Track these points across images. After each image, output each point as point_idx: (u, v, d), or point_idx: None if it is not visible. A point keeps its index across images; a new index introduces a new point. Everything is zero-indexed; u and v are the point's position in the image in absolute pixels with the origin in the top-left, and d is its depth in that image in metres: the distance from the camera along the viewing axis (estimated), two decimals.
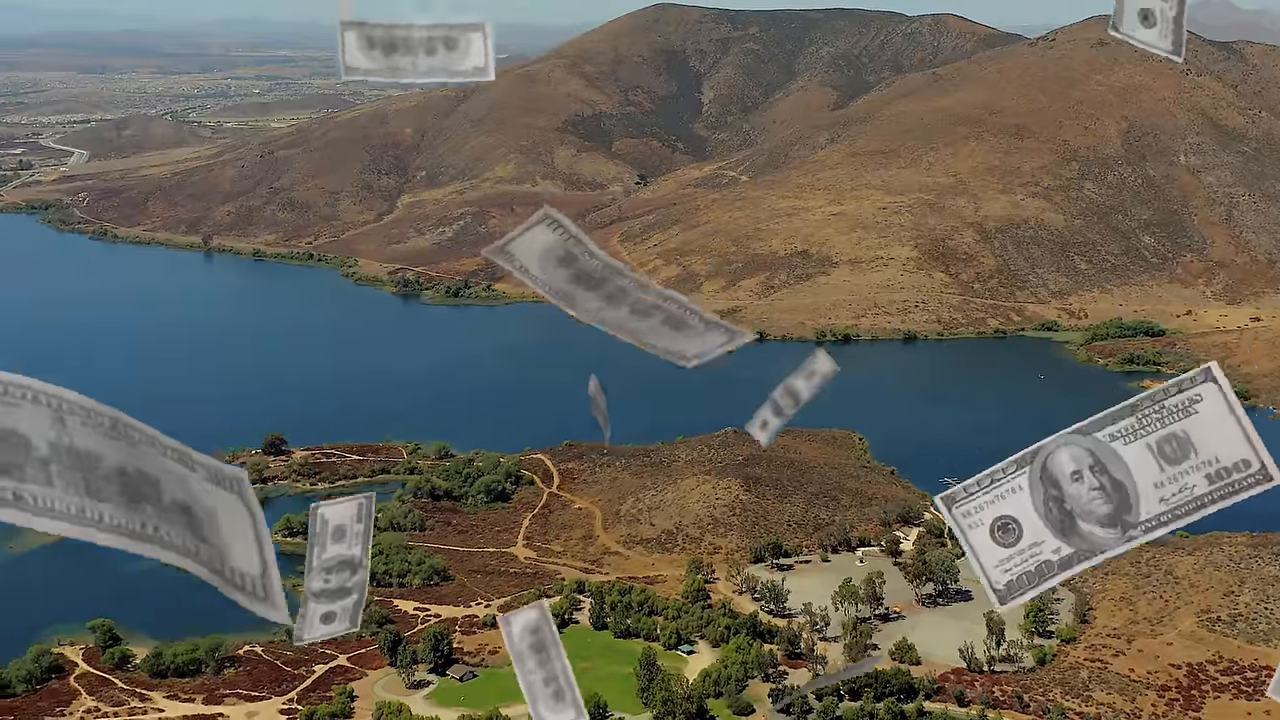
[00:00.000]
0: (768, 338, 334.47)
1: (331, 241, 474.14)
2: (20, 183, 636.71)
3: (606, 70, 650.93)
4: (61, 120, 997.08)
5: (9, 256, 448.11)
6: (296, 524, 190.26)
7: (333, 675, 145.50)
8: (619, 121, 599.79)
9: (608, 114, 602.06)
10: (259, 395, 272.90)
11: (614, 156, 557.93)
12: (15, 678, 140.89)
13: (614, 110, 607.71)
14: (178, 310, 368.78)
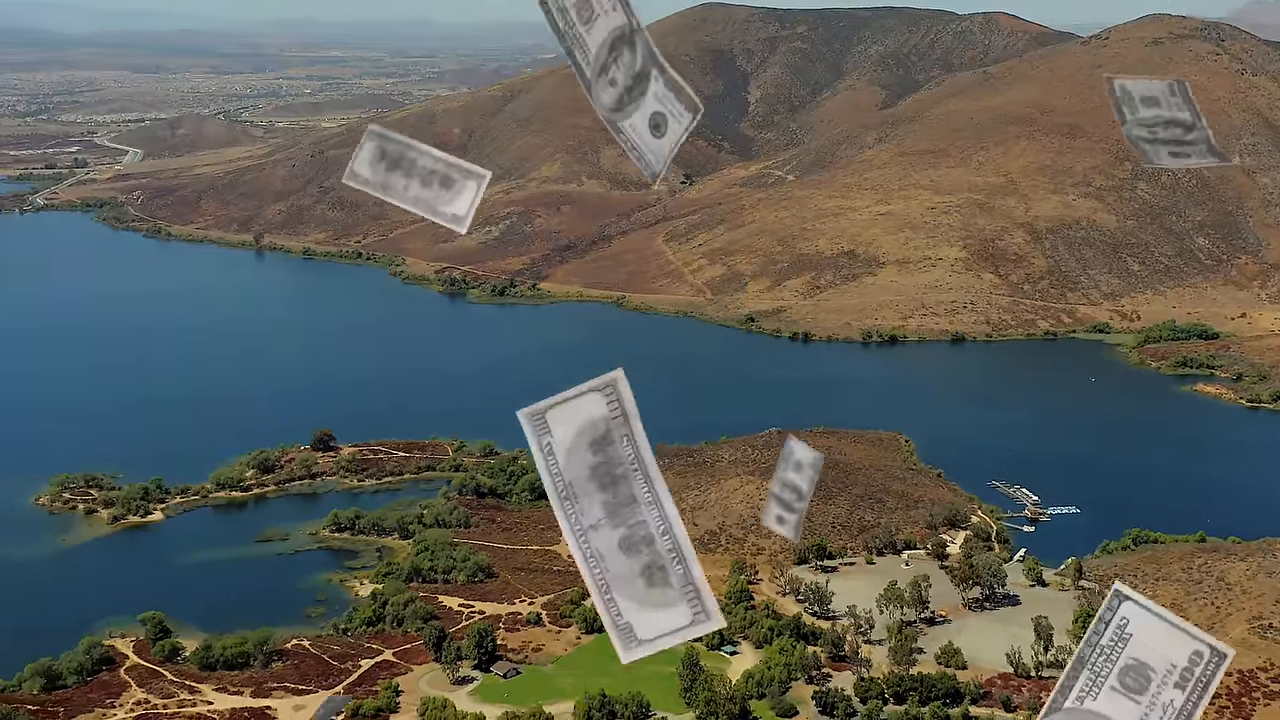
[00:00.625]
0: (813, 338, 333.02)
1: (380, 240, 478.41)
2: (75, 180, 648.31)
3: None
4: (116, 119, 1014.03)
5: (66, 254, 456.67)
6: (344, 519, 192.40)
7: (378, 670, 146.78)
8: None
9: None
10: (308, 392, 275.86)
11: None
12: (67, 669, 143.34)
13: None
14: (230, 308, 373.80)
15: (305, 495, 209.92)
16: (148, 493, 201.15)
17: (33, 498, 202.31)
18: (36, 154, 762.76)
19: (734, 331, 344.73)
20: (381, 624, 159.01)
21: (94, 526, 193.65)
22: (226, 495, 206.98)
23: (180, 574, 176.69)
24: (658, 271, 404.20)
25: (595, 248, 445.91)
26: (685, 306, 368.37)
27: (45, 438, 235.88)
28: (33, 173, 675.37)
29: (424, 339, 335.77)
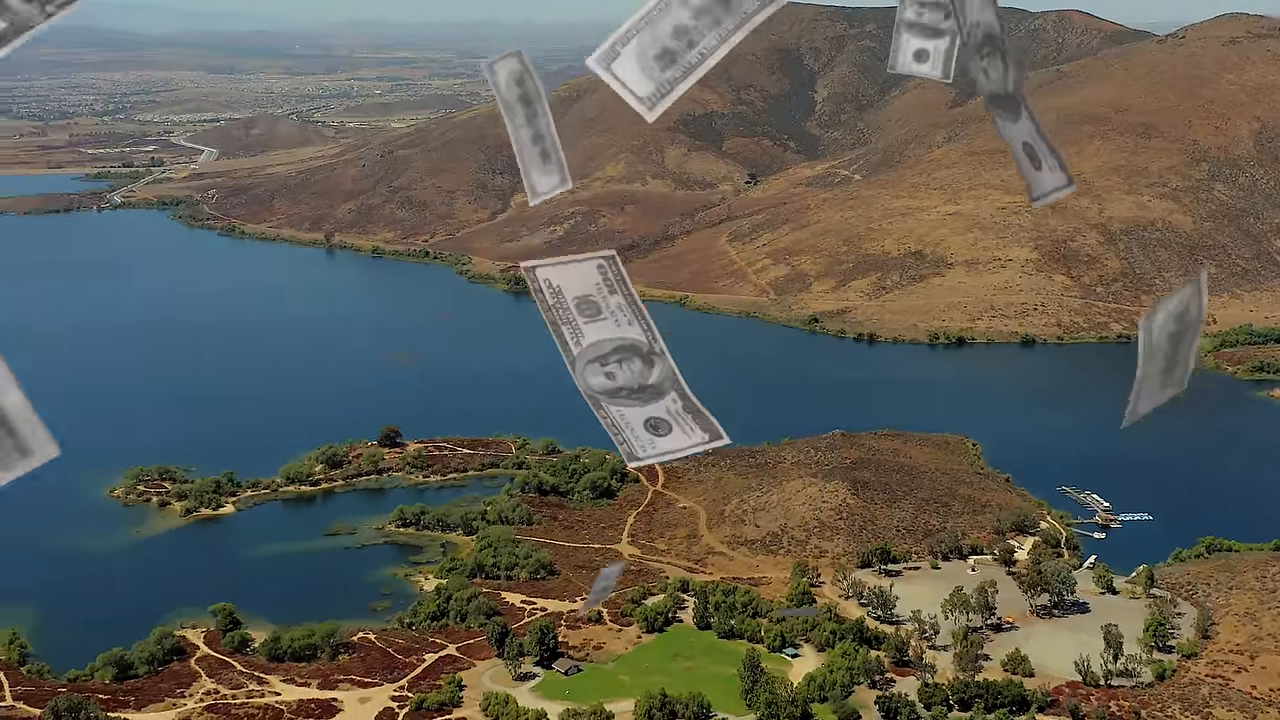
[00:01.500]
0: (878, 339, 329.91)
1: (447, 239, 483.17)
2: (152, 179, 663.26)
3: (718, 69, 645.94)
4: (192, 119, 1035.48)
5: (143, 251, 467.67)
6: (410, 515, 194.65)
7: (442, 664, 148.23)
8: (730, 120, 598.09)
9: (719, 113, 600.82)
10: (375, 388, 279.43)
11: (724, 155, 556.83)
12: (138, 659, 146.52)
13: (725, 109, 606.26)
14: (301, 305, 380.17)
15: (372, 490, 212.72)
16: (219, 486, 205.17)
17: (107, 490, 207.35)
18: (114, 153, 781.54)
19: (797, 332, 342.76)
20: (445, 619, 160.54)
21: (167, 519, 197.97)
22: (296, 489, 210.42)
23: (250, 566, 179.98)
24: (721, 271, 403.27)
25: (658, 247, 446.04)
26: (748, 307, 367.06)
27: (121, 431, 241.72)
28: (110, 171, 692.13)
29: (488, 337, 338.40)
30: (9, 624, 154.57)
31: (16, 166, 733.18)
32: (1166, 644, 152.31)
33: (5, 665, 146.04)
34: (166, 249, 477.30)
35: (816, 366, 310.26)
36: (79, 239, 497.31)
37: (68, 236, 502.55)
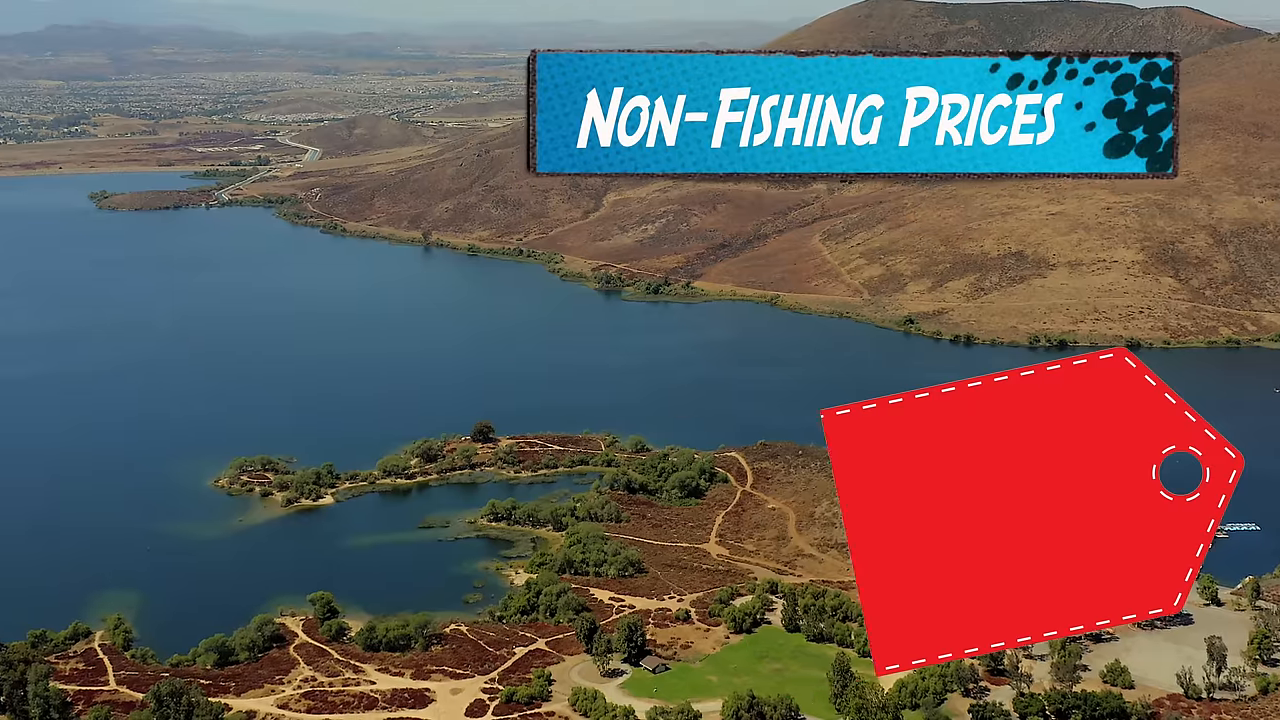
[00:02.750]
0: (976, 341, 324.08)
1: (540, 238, 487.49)
2: (258, 177, 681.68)
3: None
4: (297, 119, 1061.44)
5: (249, 247, 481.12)
6: (501, 509, 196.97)
7: (532, 658, 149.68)
8: None
9: None
10: (470, 384, 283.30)
11: None
12: (239, 645, 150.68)
13: None
14: (398, 302, 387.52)
15: (465, 485, 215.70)
16: (319, 477, 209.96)
17: (212, 480, 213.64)
18: (222, 151, 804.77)
19: (891, 333, 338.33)
20: (535, 613, 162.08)
21: (269, 508, 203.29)
22: (392, 482, 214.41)
23: (347, 557, 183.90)
24: (813, 271, 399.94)
25: (750, 246, 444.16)
26: (841, 307, 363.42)
27: (226, 422, 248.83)
28: (218, 169, 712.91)
29: (580, 335, 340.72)
30: (115, 609, 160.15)
31: (129, 164, 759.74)
32: (1271, 657, 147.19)
33: (110, 650, 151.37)
34: (271, 246, 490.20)
35: (911, 368, 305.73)
36: (188, 235, 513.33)
37: (177, 232, 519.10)
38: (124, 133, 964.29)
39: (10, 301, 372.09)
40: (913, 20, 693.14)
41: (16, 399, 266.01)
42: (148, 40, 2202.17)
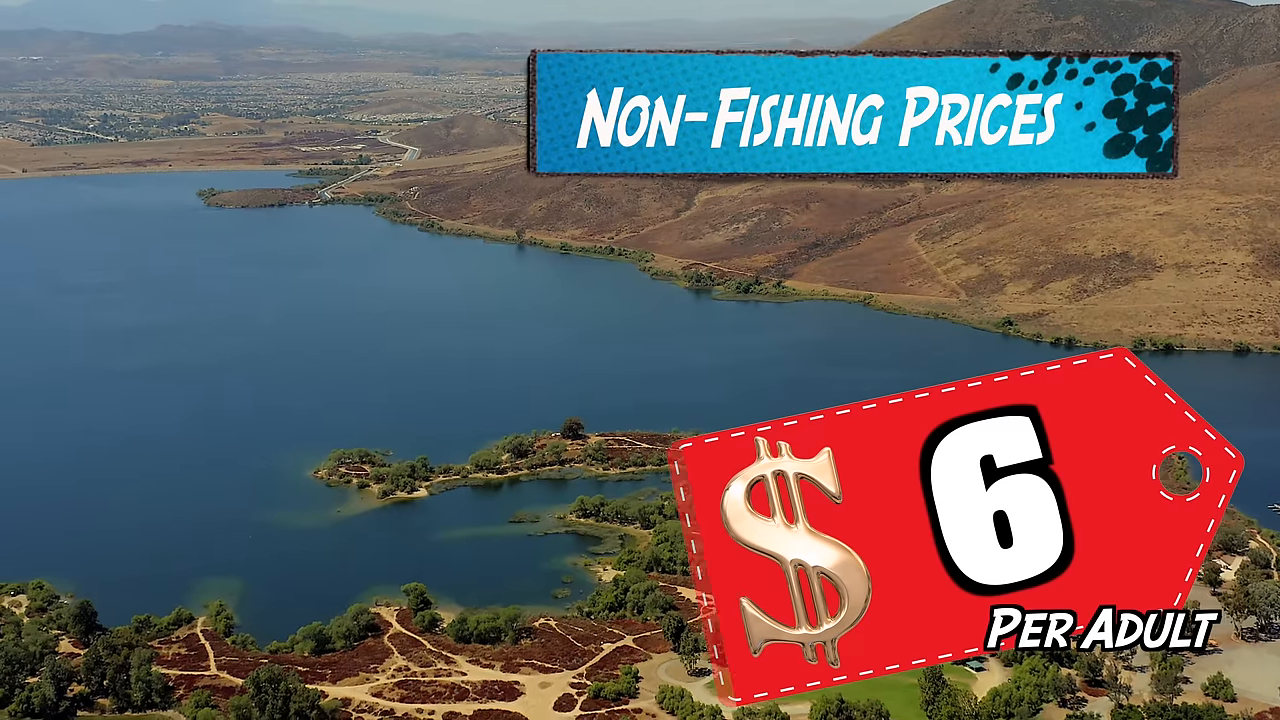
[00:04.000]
0: (1078, 344, 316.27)
1: (631, 236, 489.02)
2: (359, 176, 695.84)
3: None
4: (397, 118, 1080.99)
5: (350, 245, 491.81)
6: (590, 505, 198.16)
7: (619, 654, 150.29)
8: None
9: None
10: (560, 380, 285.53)
11: None
12: (336, 633, 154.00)
13: None
14: (493, 299, 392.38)
15: (554, 480, 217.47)
16: (414, 470, 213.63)
17: (312, 470, 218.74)
18: (325, 150, 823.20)
19: (989, 335, 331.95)
20: (622, 610, 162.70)
21: (365, 500, 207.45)
22: (484, 476, 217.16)
23: (439, 549, 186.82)
24: (908, 271, 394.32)
25: (843, 245, 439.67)
26: (937, 308, 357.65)
27: (326, 415, 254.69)
28: (321, 168, 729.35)
29: (669, 333, 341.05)
30: (217, 596, 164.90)
31: (236, 162, 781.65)
32: None
33: (212, 635, 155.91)
34: (370, 243, 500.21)
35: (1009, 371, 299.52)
36: (291, 232, 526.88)
37: (281, 229, 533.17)
38: (231, 132, 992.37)
39: (124, 295, 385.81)
40: (1016, 16, 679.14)
41: (129, 390, 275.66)
42: (255, 41, 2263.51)
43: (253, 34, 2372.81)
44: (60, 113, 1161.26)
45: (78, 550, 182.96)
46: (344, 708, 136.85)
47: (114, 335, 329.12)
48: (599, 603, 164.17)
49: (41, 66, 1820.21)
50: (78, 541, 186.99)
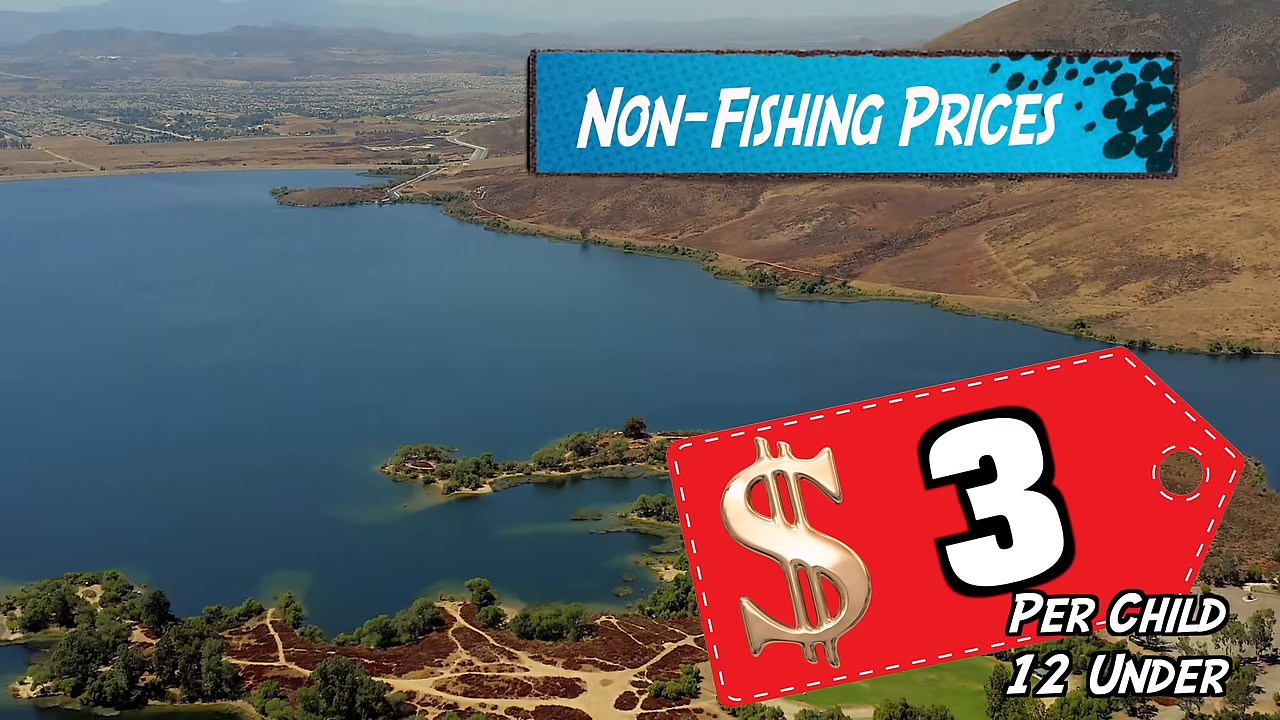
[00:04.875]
0: (1152, 347, 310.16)
1: (695, 236, 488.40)
2: (428, 175, 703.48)
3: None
4: (465, 118, 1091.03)
5: (418, 243, 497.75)
6: (651, 504, 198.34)
7: (680, 654, 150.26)
8: None
9: None
10: (622, 379, 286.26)
11: None
12: (401, 627, 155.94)
13: None
14: (557, 297, 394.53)
15: (616, 479, 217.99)
16: (479, 467, 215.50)
17: (379, 466, 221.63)
18: (394, 150, 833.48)
19: (1060, 337, 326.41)
20: (683, 609, 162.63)
21: (431, 495, 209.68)
22: (547, 474, 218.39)
23: (503, 545, 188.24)
24: (978, 271, 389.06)
25: (910, 245, 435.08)
26: (1007, 309, 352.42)
27: (393, 411, 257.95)
28: (390, 167, 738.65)
29: (732, 333, 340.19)
30: (286, 588, 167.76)
31: (308, 162, 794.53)
32: None
33: (281, 627, 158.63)
34: (437, 242, 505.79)
35: None
36: (361, 230, 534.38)
37: (351, 228, 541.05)
38: (304, 131, 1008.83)
39: (198, 292, 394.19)
40: (1091, 13, 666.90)
41: (202, 386, 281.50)
42: (327, 42, 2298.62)
43: (326, 35, 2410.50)
44: (137, 112, 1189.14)
45: (151, 542, 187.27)
46: (409, 700, 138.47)
47: (188, 332, 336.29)
48: (660, 601, 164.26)
49: (119, 66, 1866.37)
50: (151, 533, 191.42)
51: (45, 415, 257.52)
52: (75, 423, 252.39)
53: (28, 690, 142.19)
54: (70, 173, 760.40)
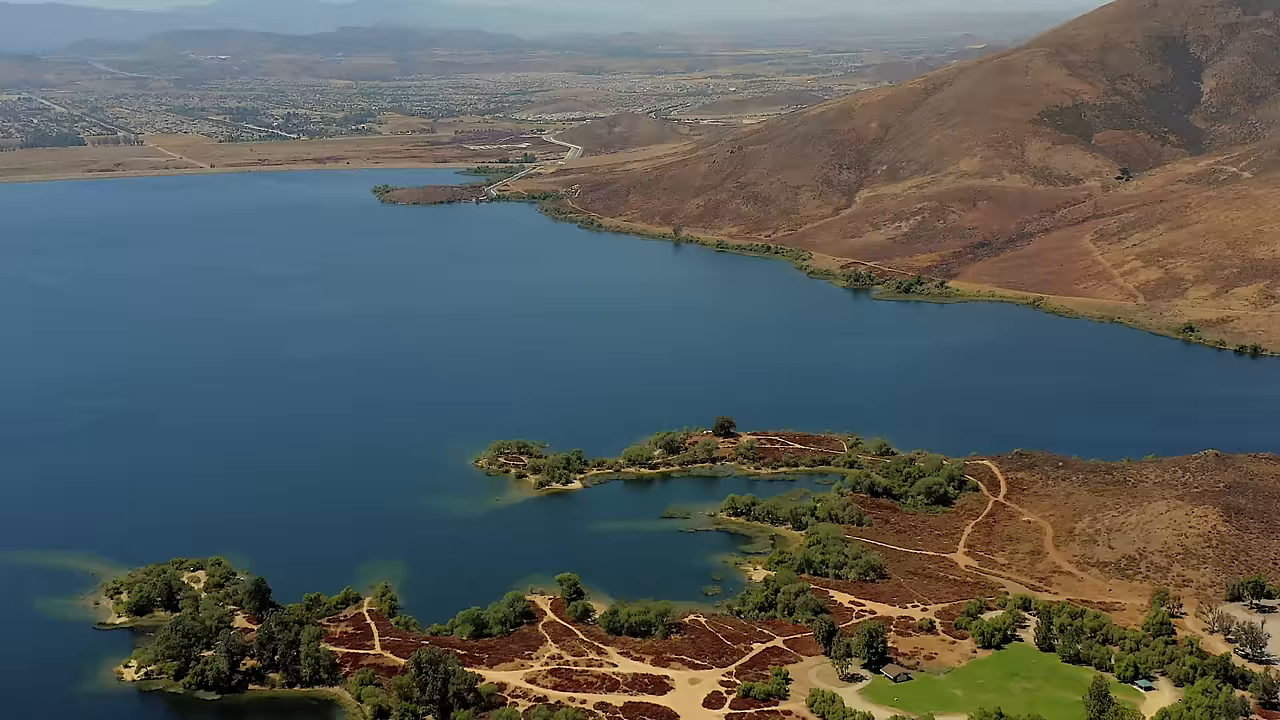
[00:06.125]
0: (1264, 353, 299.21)
1: (788, 235, 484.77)
2: (524, 174, 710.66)
3: (1093, 58, 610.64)
4: (562, 117, 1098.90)
5: (513, 241, 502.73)
6: (741, 504, 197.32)
7: (769, 655, 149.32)
8: (1102, 112, 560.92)
9: (1089, 104, 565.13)
10: (712, 378, 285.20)
11: (1093, 149, 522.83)
12: (493, 619, 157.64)
13: (1097, 100, 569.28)
14: (649, 296, 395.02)
15: (705, 478, 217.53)
16: (569, 462, 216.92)
17: (473, 460, 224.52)
18: (492, 149, 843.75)
19: (1167, 341, 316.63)
20: (772, 610, 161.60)
21: (522, 489, 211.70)
22: (636, 471, 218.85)
23: (592, 540, 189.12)
24: (1081, 273, 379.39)
25: (1012, 245, 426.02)
26: (1112, 311, 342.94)
27: (488, 407, 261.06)
28: (488, 166, 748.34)
29: (825, 333, 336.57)
30: (382, 577, 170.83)
31: (409, 160, 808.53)
32: None
33: (377, 615, 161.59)
34: (531, 240, 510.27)
35: (1189, 379, 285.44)
36: (459, 228, 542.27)
37: (449, 226, 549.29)
38: (405, 130, 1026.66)
39: (302, 288, 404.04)
40: (1202, 10, 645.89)
41: (305, 378, 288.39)
42: (430, 42, 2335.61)
43: (428, 35, 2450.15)
44: (246, 111, 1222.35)
45: (253, 529, 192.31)
46: (499, 692, 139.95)
47: (294, 326, 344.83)
48: (749, 602, 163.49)
49: (229, 66, 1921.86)
50: (253, 521, 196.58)
51: (158, 405, 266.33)
52: (185, 412, 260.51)
53: (131, 673, 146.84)
54: (181, 170, 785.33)
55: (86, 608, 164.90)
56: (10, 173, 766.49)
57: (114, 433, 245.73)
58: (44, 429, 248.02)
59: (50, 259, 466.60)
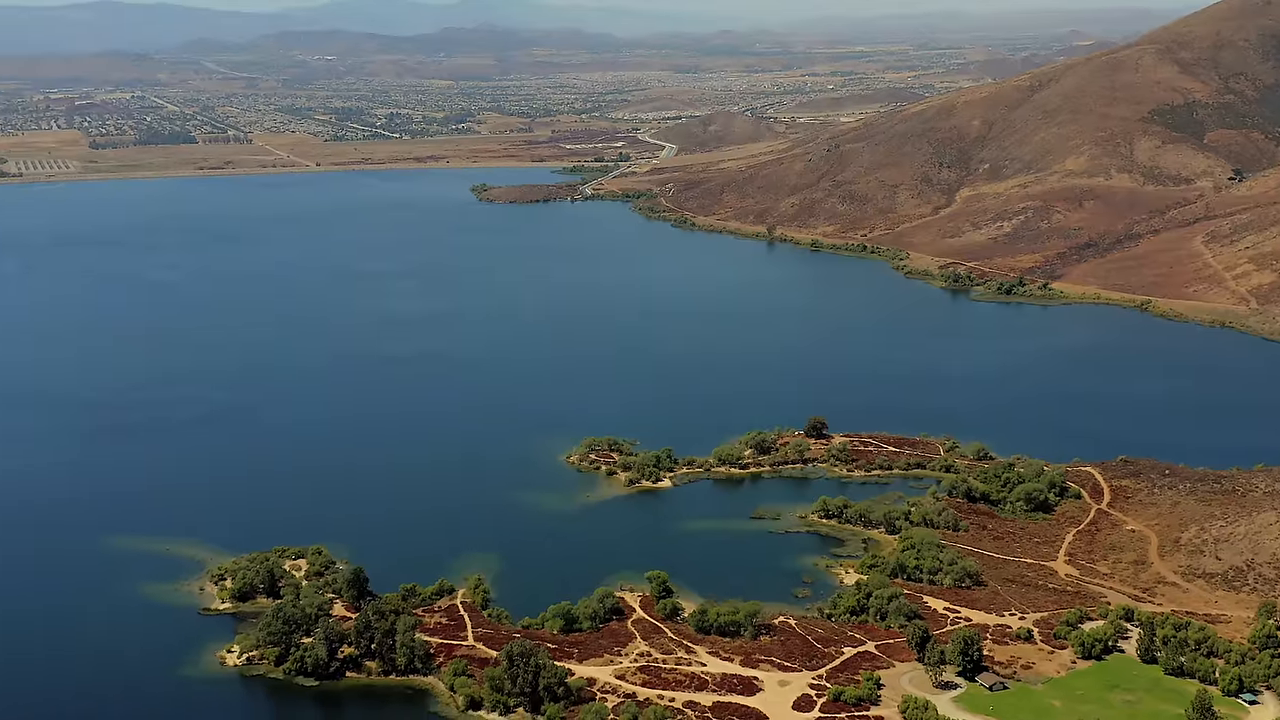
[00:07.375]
0: None
1: (885, 234, 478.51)
2: (619, 173, 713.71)
3: (1205, 56, 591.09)
4: (657, 116, 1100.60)
5: (608, 240, 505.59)
6: (832, 507, 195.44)
7: (860, 659, 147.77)
8: (1214, 111, 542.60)
9: (1201, 103, 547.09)
10: (805, 379, 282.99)
11: (1205, 149, 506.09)
12: (583, 614, 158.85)
13: (1209, 99, 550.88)
14: (743, 295, 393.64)
15: (796, 479, 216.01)
16: (659, 461, 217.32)
17: (564, 456, 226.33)
18: (588, 148, 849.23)
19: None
20: (864, 615, 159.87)
21: (612, 486, 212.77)
22: (726, 471, 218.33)
23: (681, 539, 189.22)
24: (1192, 276, 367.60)
25: (1119, 247, 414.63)
26: (1224, 316, 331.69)
27: (580, 403, 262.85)
28: (583, 165, 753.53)
29: (922, 334, 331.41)
30: (476, 570, 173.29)
31: (507, 159, 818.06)
32: None
33: (470, 607, 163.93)
34: (625, 239, 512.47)
35: None
36: (554, 227, 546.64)
37: (544, 224, 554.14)
38: (503, 130, 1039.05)
39: (403, 284, 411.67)
40: None
41: (404, 374, 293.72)
42: (529, 42, 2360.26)
43: (528, 36, 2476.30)
44: (351, 110, 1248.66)
45: (352, 520, 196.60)
46: (589, 687, 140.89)
47: (394, 322, 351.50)
48: (840, 605, 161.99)
49: (335, 66, 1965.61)
50: (352, 512, 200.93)
51: (264, 397, 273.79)
52: (289, 405, 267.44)
53: (234, 658, 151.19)
54: (288, 168, 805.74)
55: (192, 593, 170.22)
56: (124, 169, 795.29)
57: (221, 424, 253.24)
58: (156, 419, 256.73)
59: (165, 255, 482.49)
